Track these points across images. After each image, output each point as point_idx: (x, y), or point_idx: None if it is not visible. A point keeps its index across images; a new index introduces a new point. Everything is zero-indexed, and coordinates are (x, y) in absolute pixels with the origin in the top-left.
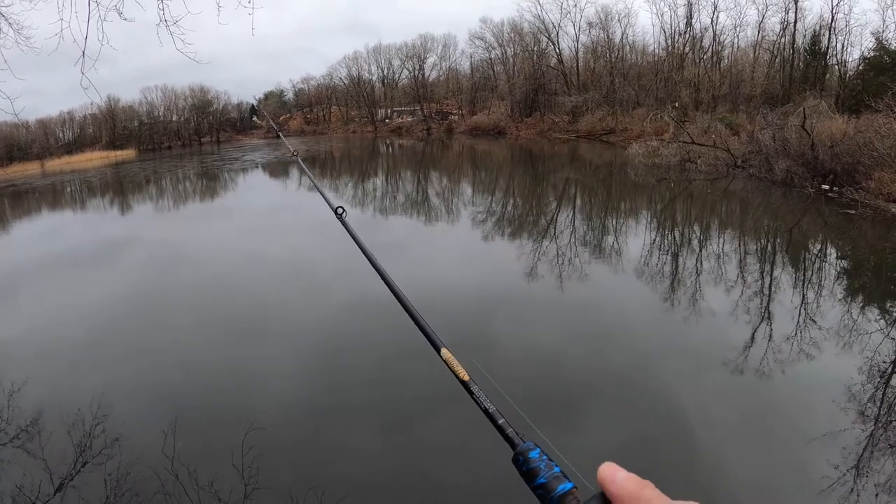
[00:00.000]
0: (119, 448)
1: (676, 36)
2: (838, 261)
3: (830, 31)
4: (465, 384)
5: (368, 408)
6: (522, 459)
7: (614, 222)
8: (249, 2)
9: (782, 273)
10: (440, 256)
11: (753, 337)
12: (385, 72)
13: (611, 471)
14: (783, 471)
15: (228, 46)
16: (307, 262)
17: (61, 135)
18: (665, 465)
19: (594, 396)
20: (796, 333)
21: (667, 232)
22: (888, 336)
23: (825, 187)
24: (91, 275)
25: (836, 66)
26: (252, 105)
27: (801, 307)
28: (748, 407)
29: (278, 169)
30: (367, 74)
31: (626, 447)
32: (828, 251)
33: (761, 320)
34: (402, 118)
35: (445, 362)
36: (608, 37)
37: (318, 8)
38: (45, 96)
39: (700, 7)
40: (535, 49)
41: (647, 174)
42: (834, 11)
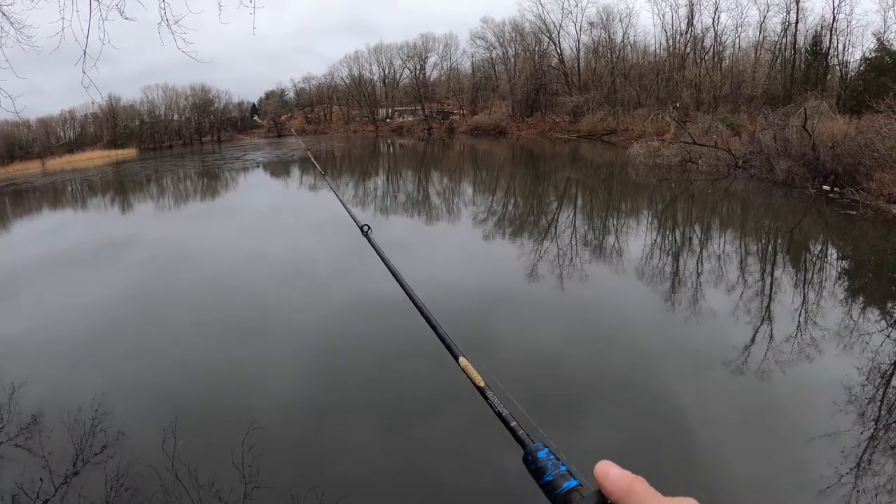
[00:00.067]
0: (119, 447)
1: (678, 36)
2: (839, 261)
3: (832, 32)
4: (481, 390)
5: (368, 408)
6: (531, 459)
7: (615, 222)
8: (251, 1)
9: (783, 274)
10: (441, 256)
11: (754, 337)
12: (386, 71)
13: (605, 468)
14: (783, 471)
15: (229, 46)
16: (307, 262)
17: (62, 134)
18: (665, 465)
19: (594, 396)
20: (797, 334)
21: (668, 232)
22: (889, 337)
23: (826, 188)
24: (91, 274)
25: (838, 67)
26: (253, 104)
27: (802, 308)
28: (748, 407)
29: (279, 168)
30: (369, 74)
31: (627, 447)
32: (829, 252)
33: (762, 321)
34: (404, 118)
35: (463, 370)
36: (609, 37)
37: (318, 8)
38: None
39: (701, 7)
40: (537, 49)
41: (648, 174)
42: (835, 12)
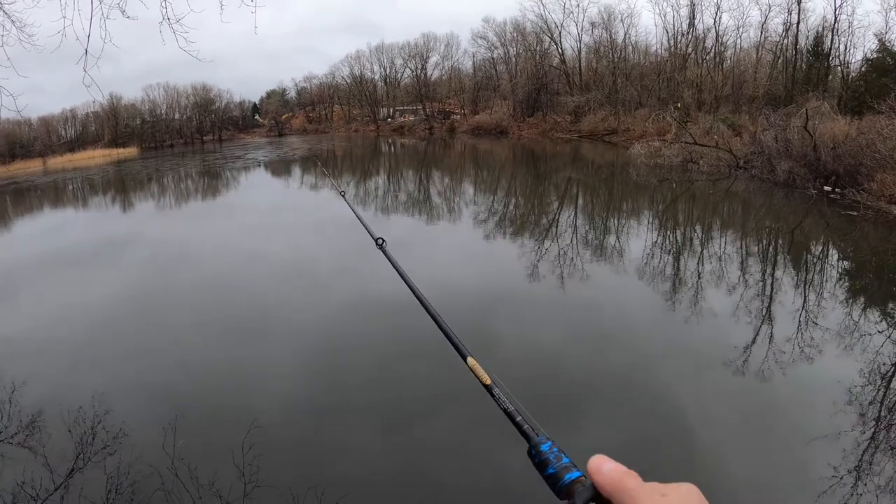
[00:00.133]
0: (120, 446)
1: (679, 36)
2: (840, 262)
3: (833, 33)
4: (488, 387)
5: (368, 408)
6: (535, 452)
7: (616, 222)
8: (252, 0)
9: (784, 274)
10: (441, 255)
11: (754, 338)
12: (388, 71)
13: (598, 462)
14: (783, 471)
15: (231, 45)
16: (308, 262)
17: (63, 132)
18: (665, 465)
19: (595, 396)
20: (797, 334)
21: (668, 232)
22: (889, 338)
23: (827, 189)
24: (92, 273)
25: (839, 68)
26: (254, 103)
27: (803, 308)
28: (748, 407)
29: (280, 167)
30: (370, 73)
31: (627, 447)
32: (829, 253)
33: (762, 321)
34: (405, 117)
35: (471, 369)
36: (611, 37)
37: (319, 8)
38: (48, 94)
39: (703, 8)
40: (538, 49)
41: (649, 174)
42: (837, 13)
